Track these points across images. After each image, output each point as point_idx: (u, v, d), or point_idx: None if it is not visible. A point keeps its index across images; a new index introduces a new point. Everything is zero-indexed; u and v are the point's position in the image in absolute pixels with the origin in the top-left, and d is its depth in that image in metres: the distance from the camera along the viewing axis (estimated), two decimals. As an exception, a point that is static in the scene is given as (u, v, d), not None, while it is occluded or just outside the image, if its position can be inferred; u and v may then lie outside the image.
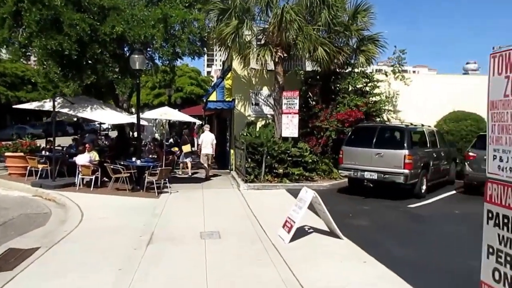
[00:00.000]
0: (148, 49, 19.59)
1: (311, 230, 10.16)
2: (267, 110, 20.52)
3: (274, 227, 10.09)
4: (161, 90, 46.09)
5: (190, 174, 20.25)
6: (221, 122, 27.86)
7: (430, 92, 20.84)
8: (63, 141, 24.74)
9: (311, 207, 9.63)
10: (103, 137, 28.39)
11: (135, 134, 22.57)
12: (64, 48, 15.18)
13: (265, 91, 20.54)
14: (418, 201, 14.30)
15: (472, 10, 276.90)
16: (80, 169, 15.82)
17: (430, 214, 12.69)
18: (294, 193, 14.70)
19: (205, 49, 22.15)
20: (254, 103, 20.55)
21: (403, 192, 14.84)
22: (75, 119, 60.07)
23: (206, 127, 20.03)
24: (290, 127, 17.08)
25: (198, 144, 19.61)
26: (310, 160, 16.90)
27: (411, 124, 15.57)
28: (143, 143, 21.76)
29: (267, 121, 20.24)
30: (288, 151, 16.63)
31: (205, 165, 18.93)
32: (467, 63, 36.91)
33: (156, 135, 24.85)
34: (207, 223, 10.80)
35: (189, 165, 20.23)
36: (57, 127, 49.95)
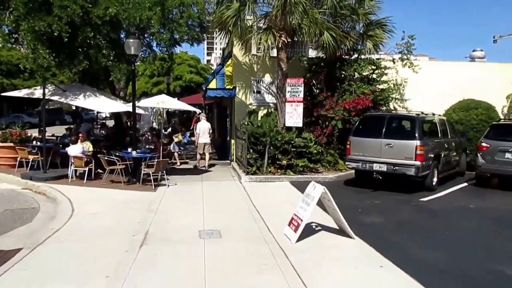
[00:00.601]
0: (145, 34, 18.72)
1: (319, 228, 9.36)
2: (269, 99, 19.66)
3: (279, 224, 9.29)
4: (160, 78, 45.11)
5: (178, 164, 19.69)
6: (221, 111, 27.04)
7: (438, 80, 19.98)
8: (61, 130, 23.78)
9: (319, 202, 8.77)
10: (99, 126, 27.47)
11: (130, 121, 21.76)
12: (53, 30, 14.24)
13: (267, 78, 19.66)
14: (429, 194, 13.47)
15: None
16: (72, 161, 15.01)
17: (444, 209, 11.84)
18: (299, 185, 14.07)
19: (204, 35, 21.39)
20: (255, 91, 19.68)
21: (413, 185, 14.05)
22: (74, 107, 59.38)
23: (203, 116, 19.41)
24: (294, 116, 16.23)
25: (196, 133, 18.81)
26: (315, 151, 16.09)
27: (422, 113, 14.69)
28: (140, 132, 20.93)
29: (269, 110, 19.38)
30: (292, 142, 15.80)
31: (204, 155, 18.32)
32: (474, 51, 35.80)
33: (154, 125, 23.97)
34: (207, 220, 9.99)
35: (176, 155, 19.60)
36: (55, 116, 50.27)
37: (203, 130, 18.40)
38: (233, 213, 10.87)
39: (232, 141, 19.82)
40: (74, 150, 15.17)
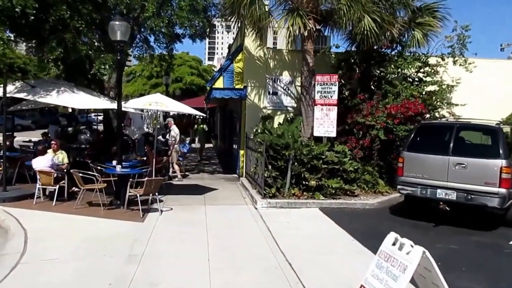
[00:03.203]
0: (140, 25, 15.31)
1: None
2: (288, 101, 16.15)
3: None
4: (159, 80, 41.60)
5: (179, 177, 16.58)
6: (226, 115, 23.56)
7: (496, 81, 16.42)
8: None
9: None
10: (87, 130, 23.57)
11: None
12: (15, 4, 10.79)
13: (285, 77, 16.16)
14: (514, 231, 9.97)
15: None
16: (38, 176, 11.52)
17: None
18: (332, 214, 10.83)
19: (207, 31, 18.18)
20: (271, 92, 16.16)
21: (484, 216, 10.62)
22: (70, 109, 55.81)
23: (171, 120, 16.95)
24: (325, 123, 12.71)
25: (173, 140, 15.85)
26: (352, 169, 12.58)
27: (501, 122, 11.18)
28: (133, 139, 17.34)
29: (288, 116, 15.88)
30: (323, 156, 12.30)
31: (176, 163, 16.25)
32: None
33: (147, 129, 20.26)
34: (214, 284, 6.44)
35: (177, 168, 16.53)
36: (48, 118, 46.60)
37: (177, 136, 16.43)
38: (253, 268, 7.29)
39: (241, 151, 16.34)
40: (40, 162, 11.69)
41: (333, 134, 12.72)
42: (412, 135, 11.20)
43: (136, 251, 7.95)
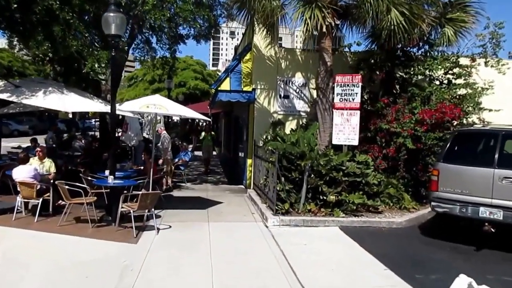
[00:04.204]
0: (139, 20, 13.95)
1: None
2: (301, 106, 14.68)
3: None
4: (161, 85, 40.13)
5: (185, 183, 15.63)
6: (231, 121, 22.07)
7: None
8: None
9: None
10: (81, 136, 22.02)
11: (119, 132, 16.70)
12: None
13: (298, 78, 14.69)
14: None
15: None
16: (19, 188, 10.06)
17: None
18: (355, 235, 9.47)
19: (212, 30, 16.87)
20: (282, 95, 14.68)
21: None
22: (70, 114, 54.31)
23: (161, 127, 15.59)
24: (346, 129, 11.20)
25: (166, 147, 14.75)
26: (375, 181, 11.08)
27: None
28: (130, 145, 15.84)
29: (301, 121, 14.42)
30: (343, 167, 10.80)
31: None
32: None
33: (145, 134, 18.69)
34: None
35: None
36: (47, 123, 45.12)
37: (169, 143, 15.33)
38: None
39: (249, 161, 14.87)
40: (21, 172, 10.23)
41: (355, 142, 11.20)
42: (449, 144, 9.68)
43: (124, 283, 6.50)
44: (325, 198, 10.70)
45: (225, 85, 14.69)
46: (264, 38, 13.86)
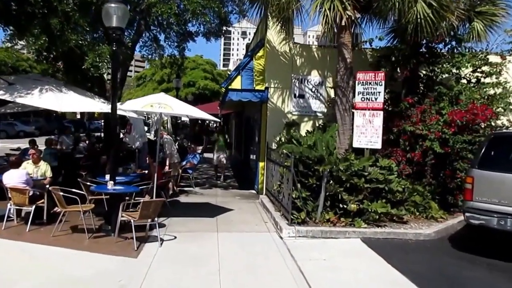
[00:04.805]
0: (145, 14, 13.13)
1: None
2: (317, 106, 13.75)
3: None
4: (170, 85, 39.30)
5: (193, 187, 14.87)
6: (242, 122, 21.15)
7: None
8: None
9: None
10: (85, 136, 21.03)
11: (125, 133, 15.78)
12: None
13: (314, 76, 13.77)
14: None
15: None
16: (9, 195, 9.21)
17: None
18: (380, 248, 8.57)
19: (223, 28, 16.07)
20: (297, 95, 13.76)
21: None
22: (78, 115, 53.46)
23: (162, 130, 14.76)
24: (368, 131, 10.21)
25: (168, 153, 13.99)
26: (399, 188, 10.10)
27: None
28: (134, 147, 14.93)
29: (317, 122, 13.50)
30: (365, 173, 9.85)
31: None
32: None
33: (150, 135, 17.73)
34: None
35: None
36: (55, 124, 44.29)
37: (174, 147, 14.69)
38: None
39: (261, 164, 13.96)
40: (12, 177, 9.37)
41: (378, 146, 10.20)
42: (484, 149, 8.70)
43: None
44: (345, 206, 9.72)
45: (236, 84, 13.77)
46: (278, 33, 12.96)
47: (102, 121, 35.94)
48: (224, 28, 16.33)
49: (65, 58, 14.40)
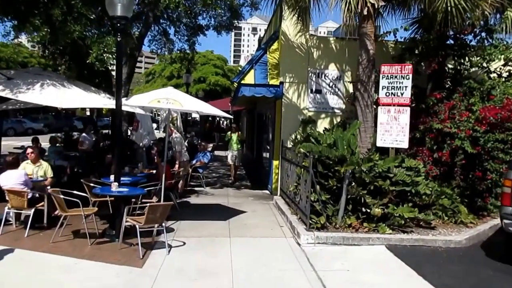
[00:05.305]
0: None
1: None
2: (335, 102, 12.97)
3: None
4: (180, 81, 38.61)
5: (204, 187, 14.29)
6: (254, 119, 20.41)
7: None
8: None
9: None
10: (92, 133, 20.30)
11: (129, 131, 15.10)
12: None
13: (332, 71, 12.99)
14: None
15: None
16: (7, 197, 8.54)
17: None
18: (408, 257, 7.78)
19: (235, 21, 15.97)
20: (314, 90, 13.00)
21: None
22: (88, 112, 52.86)
23: (171, 126, 13.46)
24: (393, 129, 9.43)
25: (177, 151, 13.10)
26: (427, 191, 9.30)
27: None
28: (141, 145, 14.25)
29: (335, 119, 12.74)
30: (390, 174, 9.07)
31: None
32: None
33: (159, 133, 16.96)
34: None
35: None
36: (64, 121, 43.71)
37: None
38: None
39: (275, 162, 13.23)
40: (9, 178, 8.70)
41: (405, 145, 9.41)
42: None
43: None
44: (368, 211, 8.96)
45: (249, 78, 12.99)
46: (293, 25, 12.25)
47: (110, 117, 35.47)
48: (235, 21, 15.84)
49: (71, 53, 13.89)
